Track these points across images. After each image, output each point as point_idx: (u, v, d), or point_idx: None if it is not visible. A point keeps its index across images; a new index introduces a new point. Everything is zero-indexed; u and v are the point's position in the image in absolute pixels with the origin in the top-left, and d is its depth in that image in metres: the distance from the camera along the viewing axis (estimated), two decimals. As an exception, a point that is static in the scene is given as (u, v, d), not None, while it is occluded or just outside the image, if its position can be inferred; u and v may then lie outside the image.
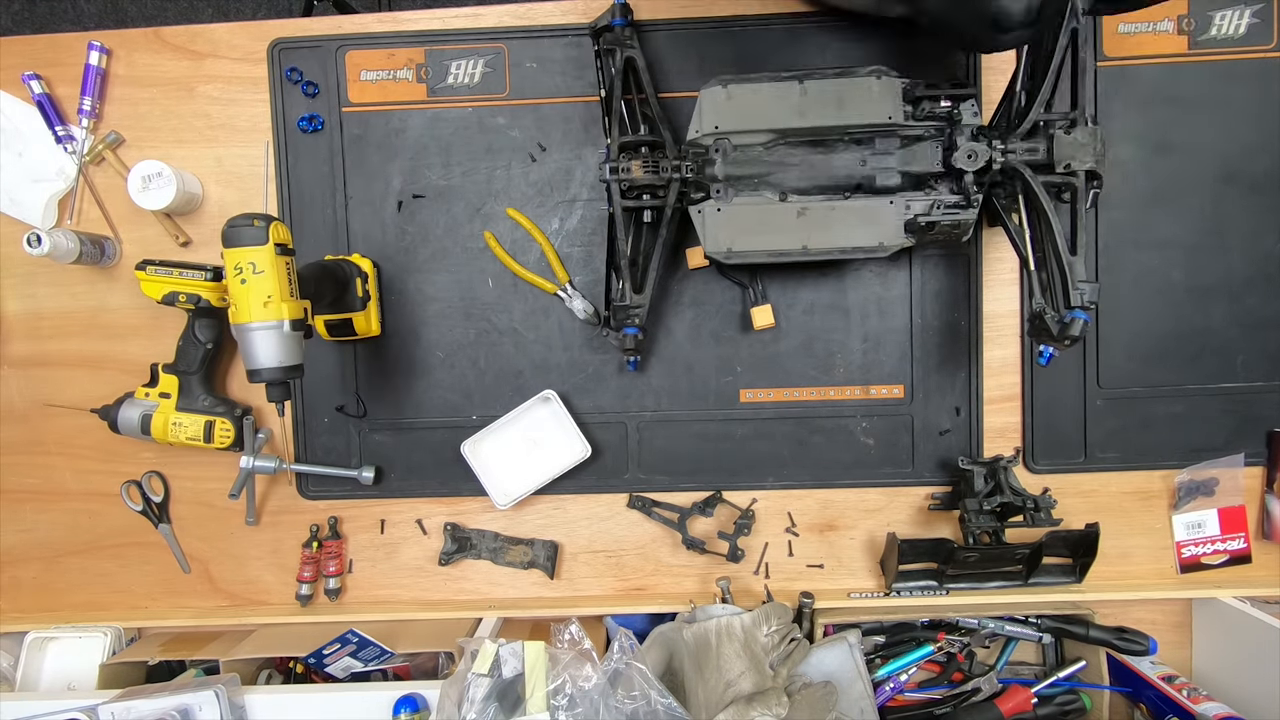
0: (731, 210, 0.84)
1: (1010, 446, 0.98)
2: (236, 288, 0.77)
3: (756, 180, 0.84)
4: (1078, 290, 0.77)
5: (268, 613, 1.02)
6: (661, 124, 0.88)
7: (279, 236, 0.77)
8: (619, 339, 0.89)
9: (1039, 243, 0.82)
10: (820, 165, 0.83)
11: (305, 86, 0.98)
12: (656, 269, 0.87)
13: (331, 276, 0.90)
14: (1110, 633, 0.92)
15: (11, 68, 0.99)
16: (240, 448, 0.97)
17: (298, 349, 0.80)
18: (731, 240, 0.84)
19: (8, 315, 1.02)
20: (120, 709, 0.84)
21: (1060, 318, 0.78)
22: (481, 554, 1.02)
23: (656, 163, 0.85)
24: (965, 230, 0.83)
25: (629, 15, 0.89)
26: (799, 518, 1.00)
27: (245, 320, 0.77)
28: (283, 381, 0.79)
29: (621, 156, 0.86)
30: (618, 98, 0.88)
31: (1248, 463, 0.96)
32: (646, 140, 0.87)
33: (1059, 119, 0.79)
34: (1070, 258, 0.78)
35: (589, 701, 0.75)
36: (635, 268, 0.88)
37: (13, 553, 1.05)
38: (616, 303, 0.88)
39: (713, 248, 0.85)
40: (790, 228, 0.84)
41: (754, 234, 0.84)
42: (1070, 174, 0.79)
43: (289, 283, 0.78)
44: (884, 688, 0.94)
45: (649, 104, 0.89)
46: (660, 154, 0.86)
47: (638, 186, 0.86)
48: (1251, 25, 0.93)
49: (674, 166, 0.84)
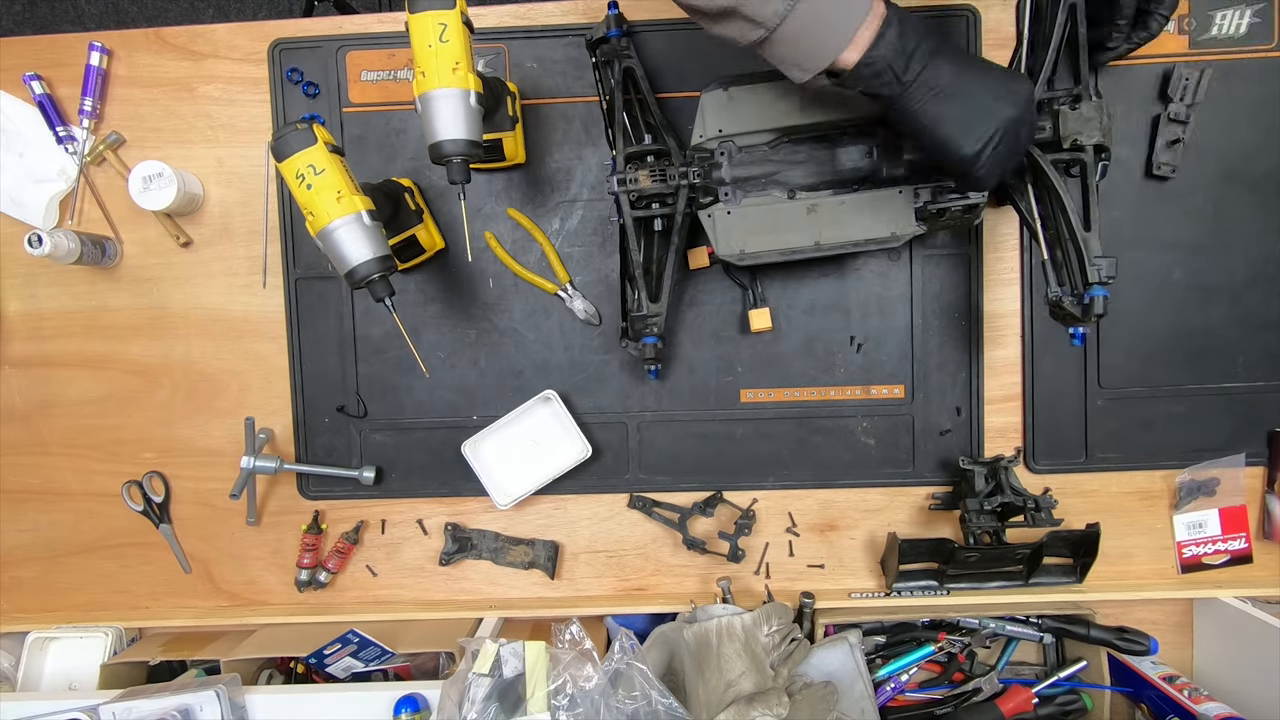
0: (741, 212, 0.84)
1: (1011, 446, 0.98)
2: (305, 195, 0.75)
3: (764, 180, 0.84)
4: (1095, 266, 0.76)
5: (268, 613, 1.02)
6: (665, 131, 0.88)
7: (325, 135, 0.76)
8: (638, 349, 0.88)
9: (1050, 220, 0.80)
10: (826, 160, 0.83)
11: (306, 87, 0.98)
12: (671, 276, 0.87)
13: (381, 192, 0.87)
14: (1111, 633, 0.92)
15: (13, 68, 1.00)
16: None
17: (382, 239, 0.78)
18: (744, 242, 0.84)
19: (9, 315, 1.02)
20: (121, 709, 0.84)
21: (1080, 298, 0.77)
22: (482, 554, 1.02)
23: (663, 171, 0.84)
24: (977, 214, 0.82)
25: (624, 25, 0.89)
26: (800, 518, 1.00)
27: (325, 221, 0.75)
28: (382, 275, 0.77)
29: (628, 168, 0.85)
30: (619, 109, 0.87)
31: (1249, 463, 0.96)
32: (651, 149, 0.87)
33: (1063, 95, 0.78)
34: (1085, 234, 0.76)
35: (590, 701, 0.75)
36: (649, 276, 0.88)
37: (14, 553, 1.05)
38: (634, 313, 0.88)
39: (725, 251, 0.84)
40: (801, 225, 0.83)
41: (765, 234, 0.84)
42: (1078, 149, 0.78)
43: (351, 178, 0.77)
44: (885, 688, 0.94)
45: (651, 112, 0.89)
46: (666, 162, 0.86)
47: (646, 196, 0.85)
48: (1252, 25, 0.93)
49: (681, 173, 0.83)
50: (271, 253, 1.00)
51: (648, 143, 0.86)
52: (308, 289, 1.00)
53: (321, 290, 1.00)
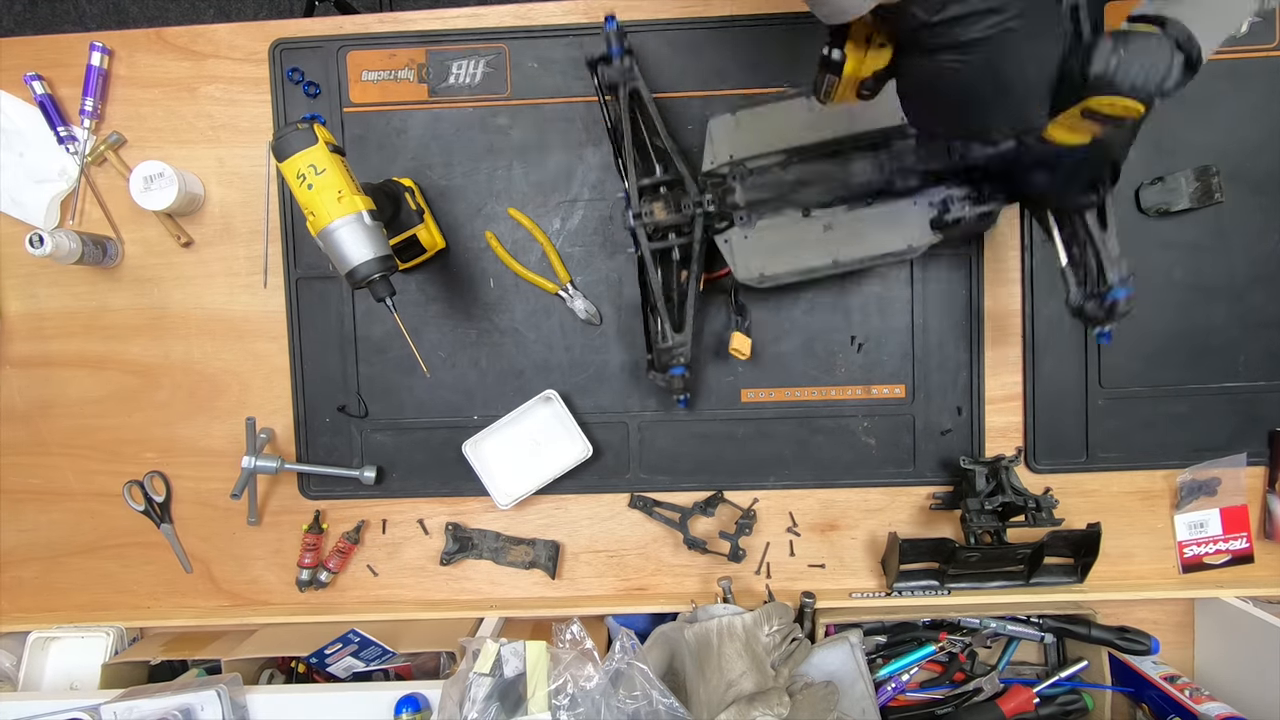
0: (758, 235, 0.84)
1: (1012, 446, 0.98)
2: (306, 195, 0.75)
3: (778, 201, 0.84)
4: (1114, 268, 0.75)
5: (270, 613, 1.02)
6: (675, 157, 0.87)
7: (326, 135, 0.76)
8: (666, 380, 0.88)
9: (1065, 221, 0.80)
10: (838, 176, 0.83)
11: (307, 87, 0.98)
12: (693, 305, 0.87)
13: (382, 192, 0.88)
14: (1112, 633, 0.92)
15: (14, 68, 1.00)
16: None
17: (383, 239, 0.78)
18: (763, 265, 0.84)
19: (10, 315, 1.02)
20: (122, 709, 0.84)
21: (1102, 299, 0.77)
22: (483, 554, 1.02)
23: (678, 201, 0.84)
24: (993, 221, 0.82)
25: (626, 42, 0.86)
26: (800, 517, 1.00)
27: (326, 221, 0.75)
28: (382, 275, 0.77)
29: (642, 200, 0.85)
30: (628, 139, 0.86)
31: (1250, 462, 0.96)
32: (664, 180, 0.87)
33: None
34: (1102, 233, 0.76)
35: (590, 701, 0.75)
36: (671, 305, 0.88)
37: (15, 553, 1.05)
38: (659, 345, 0.88)
39: (744, 274, 0.84)
40: (818, 243, 0.83)
41: (783, 255, 0.84)
42: None
43: (352, 178, 0.77)
44: (886, 688, 0.94)
45: (659, 137, 0.88)
46: (680, 191, 0.86)
47: (663, 227, 0.85)
48: (1253, 24, 0.93)
49: (696, 202, 0.83)
50: (272, 253, 1.00)
51: (659, 173, 0.86)
52: (309, 289, 1.00)
53: (322, 290, 1.00)
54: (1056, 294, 0.95)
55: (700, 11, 0.95)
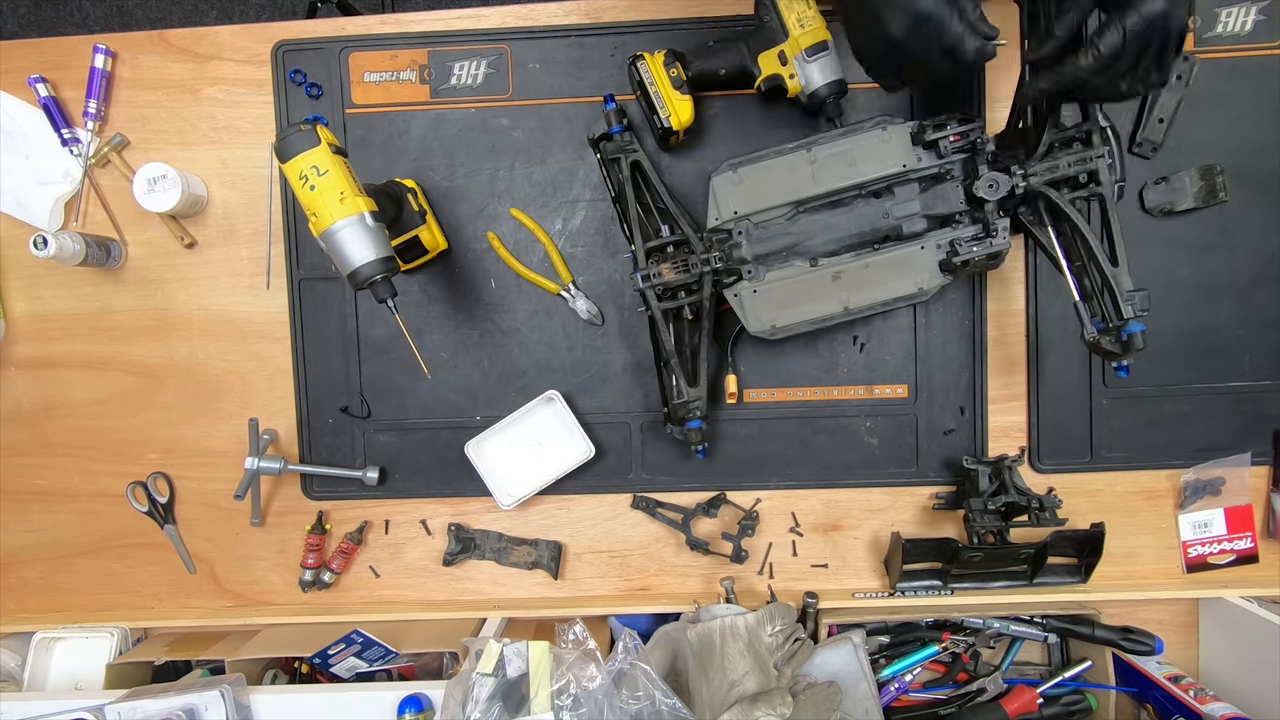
0: (767, 288, 0.84)
1: (1015, 446, 0.98)
2: (308, 196, 0.75)
3: (785, 253, 0.84)
4: (1129, 302, 0.75)
5: (273, 613, 1.02)
6: (680, 219, 0.88)
7: (328, 137, 0.76)
8: (683, 433, 0.89)
9: (1073, 253, 0.80)
10: (844, 225, 0.83)
11: (309, 88, 0.98)
12: (706, 360, 0.89)
13: (384, 194, 0.88)
14: (1116, 633, 0.92)
15: (17, 71, 1.00)
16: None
17: (385, 241, 0.78)
18: (774, 317, 0.84)
19: (14, 317, 1.03)
20: (126, 709, 0.85)
21: (1117, 334, 0.77)
22: (486, 554, 1.02)
23: (685, 260, 0.85)
24: (1000, 260, 0.82)
25: (625, 120, 0.90)
26: (803, 518, 1.00)
27: (328, 223, 0.75)
28: (384, 276, 0.78)
29: (650, 262, 0.86)
30: (633, 206, 0.88)
31: (1254, 462, 0.96)
32: (670, 241, 0.88)
33: (1073, 130, 0.78)
34: (1113, 269, 0.76)
35: (593, 701, 0.75)
36: (685, 361, 0.89)
37: (20, 553, 1.05)
38: (675, 401, 0.89)
39: (756, 327, 0.85)
40: (828, 292, 0.83)
41: (794, 306, 0.84)
42: (1096, 183, 0.78)
43: (354, 179, 0.78)
44: (889, 688, 0.94)
45: (663, 200, 0.90)
46: (686, 250, 0.87)
47: (672, 286, 0.86)
48: (1258, 22, 0.92)
49: (703, 260, 0.84)
50: (275, 254, 1.00)
51: (666, 234, 0.88)
52: (311, 290, 1.00)
53: (325, 291, 1.00)
54: (1060, 293, 0.95)
55: (701, 12, 0.95)
